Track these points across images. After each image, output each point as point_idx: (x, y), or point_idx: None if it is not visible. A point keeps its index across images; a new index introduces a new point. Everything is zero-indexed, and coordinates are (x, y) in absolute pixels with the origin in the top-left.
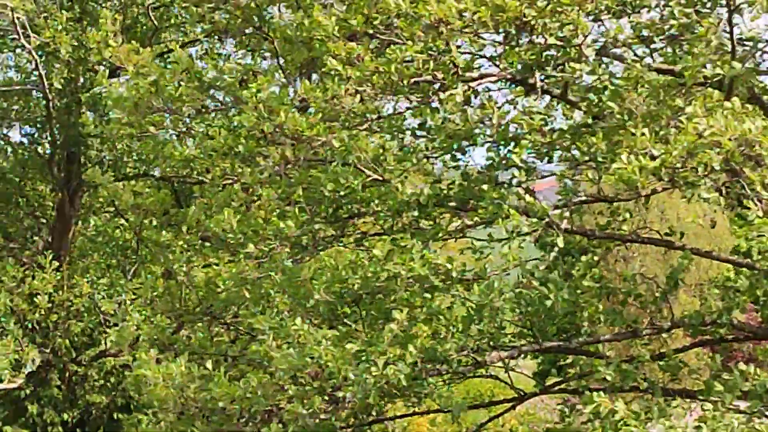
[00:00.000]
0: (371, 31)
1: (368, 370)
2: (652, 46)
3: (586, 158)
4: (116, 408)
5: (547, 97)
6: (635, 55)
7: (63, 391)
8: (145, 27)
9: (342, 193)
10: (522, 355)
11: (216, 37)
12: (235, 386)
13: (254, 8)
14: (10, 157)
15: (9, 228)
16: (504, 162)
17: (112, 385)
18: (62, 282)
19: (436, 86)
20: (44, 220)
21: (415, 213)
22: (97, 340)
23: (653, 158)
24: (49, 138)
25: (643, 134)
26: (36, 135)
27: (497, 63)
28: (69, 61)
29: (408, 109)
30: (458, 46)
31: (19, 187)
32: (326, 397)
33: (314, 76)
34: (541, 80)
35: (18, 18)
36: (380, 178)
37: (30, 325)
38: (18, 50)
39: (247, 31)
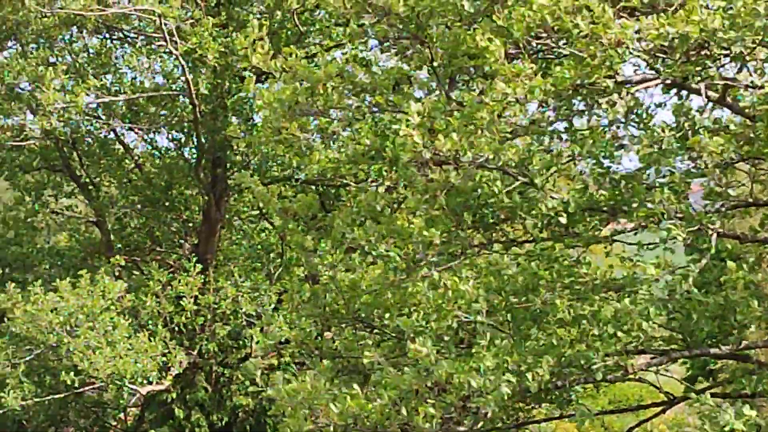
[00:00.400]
0: (534, 42)
1: (503, 380)
2: None
3: (735, 160)
4: (262, 411)
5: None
6: None
7: (210, 394)
8: (290, 32)
9: (489, 199)
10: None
11: (362, 41)
12: (367, 400)
13: (414, 19)
14: (158, 162)
15: (156, 232)
16: (657, 166)
17: (258, 387)
18: (208, 285)
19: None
20: (191, 224)
21: (564, 219)
22: (243, 343)
23: None
24: (195, 143)
25: None
26: (182, 140)
27: (656, 67)
28: (215, 67)
29: (567, 117)
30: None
31: (166, 192)
32: (458, 409)
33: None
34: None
35: (165, 24)
36: (527, 183)
37: (177, 328)
38: (165, 56)
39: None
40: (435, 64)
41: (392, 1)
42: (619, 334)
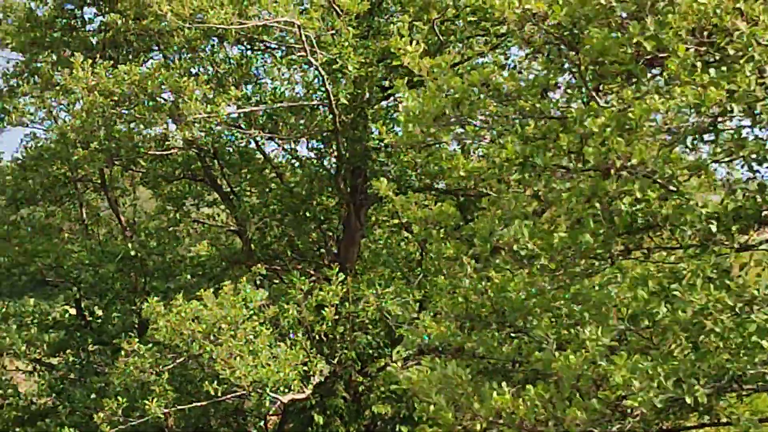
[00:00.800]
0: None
1: (659, 384)
2: None
3: None
4: (400, 420)
5: None
6: None
7: (348, 402)
8: (429, 42)
9: (640, 205)
10: None
11: (501, 49)
12: (515, 398)
13: (568, 27)
14: (298, 171)
15: (296, 241)
16: None
17: (396, 396)
18: (348, 294)
19: None
20: (330, 233)
21: (714, 227)
22: (383, 352)
23: None
24: (335, 152)
25: None
26: (323, 149)
27: None
28: (355, 77)
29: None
30: None
31: (307, 201)
32: (611, 407)
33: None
34: None
35: (306, 35)
36: (673, 189)
37: (317, 337)
38: (305, 66)
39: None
40: (583, 68)
41: (556, 9)
42: (764, 344)
